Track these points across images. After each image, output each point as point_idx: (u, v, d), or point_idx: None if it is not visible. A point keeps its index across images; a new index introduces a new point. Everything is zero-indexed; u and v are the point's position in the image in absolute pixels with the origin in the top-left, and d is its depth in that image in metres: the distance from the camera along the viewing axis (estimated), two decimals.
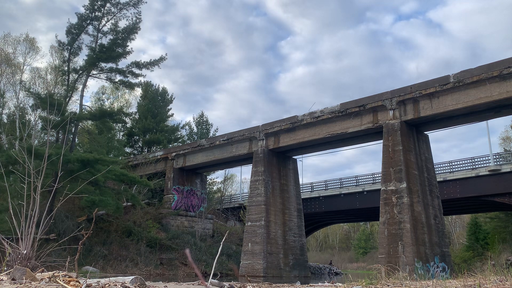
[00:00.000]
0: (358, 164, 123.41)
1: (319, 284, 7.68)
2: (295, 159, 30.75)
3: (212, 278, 5.37)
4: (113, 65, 27.84)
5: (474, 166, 30.56)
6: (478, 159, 30.81)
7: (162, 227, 30.91)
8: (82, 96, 28.18)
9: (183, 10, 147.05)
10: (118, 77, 28.65)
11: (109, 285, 4.54)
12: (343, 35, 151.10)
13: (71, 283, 4.57)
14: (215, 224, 36.05)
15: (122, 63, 71.22)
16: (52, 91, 34.05)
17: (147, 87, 49.51)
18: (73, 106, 34.38)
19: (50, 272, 5.38)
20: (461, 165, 31.33)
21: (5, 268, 5.98)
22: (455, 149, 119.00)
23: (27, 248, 5.96)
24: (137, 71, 28.35)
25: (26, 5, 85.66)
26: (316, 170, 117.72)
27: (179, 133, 51.08)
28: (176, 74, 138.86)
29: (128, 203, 29.21)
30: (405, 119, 22.42)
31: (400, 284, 5.91)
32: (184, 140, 49.57)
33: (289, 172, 29.64)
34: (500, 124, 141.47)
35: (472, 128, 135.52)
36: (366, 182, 36.48)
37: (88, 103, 60.50)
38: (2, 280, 5.09)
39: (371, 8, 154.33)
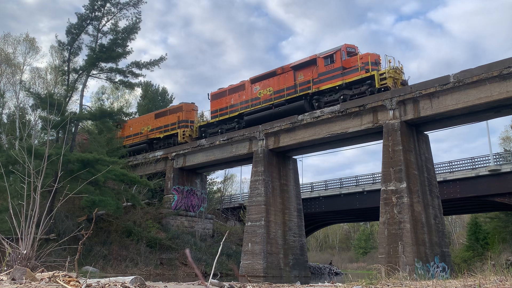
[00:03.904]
0: (358, 164, 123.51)
1: (319, 284, 7.68)
2: (295, 159, 30.74)
3: (212, 278, 5.36)
4: (113, 65, 27.83)
5: (474, 166, 30.56)
6: (478, 159, 30.82)
7: (162, 227, 30.88)
8: (82, 96, 28.19)
9: (185, 10, 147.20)
10: (118, 77, 28.67)
11: (109, 285, 4.54)
12: (344, 35, 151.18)
13: (71, 283, 4.57)
14: (215, 224, 36.03)
15: (122, 63, 71.22)
16: (52, 91, 34.01)
17: (147, 87, 49.60)
18: (73, 106, 34.42)
19: (50, 272, 5.37)
20: (461, 165, 31.33)
21: (5, 268, 5.97)
22: (456, 149, 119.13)
23: (27, 248, 5.95)
24: (137, 71, 28.37)
25: (28, 6, 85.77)
26: (316, 170, 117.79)
27: None
28: (177, 74, 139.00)
29: (128, 203, 29.17)
30: (405, 119, 22.40)
31: (400, 284, 5.91)
32: None
33: (289, 172, 29.62)
34: (500, 124, 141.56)
35: (472, 128, 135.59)
36: (366, 182, 36.48)
37: (88, 103, 60.54)
38: (2, 280, 5.08)
39: (372, 9, 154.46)
